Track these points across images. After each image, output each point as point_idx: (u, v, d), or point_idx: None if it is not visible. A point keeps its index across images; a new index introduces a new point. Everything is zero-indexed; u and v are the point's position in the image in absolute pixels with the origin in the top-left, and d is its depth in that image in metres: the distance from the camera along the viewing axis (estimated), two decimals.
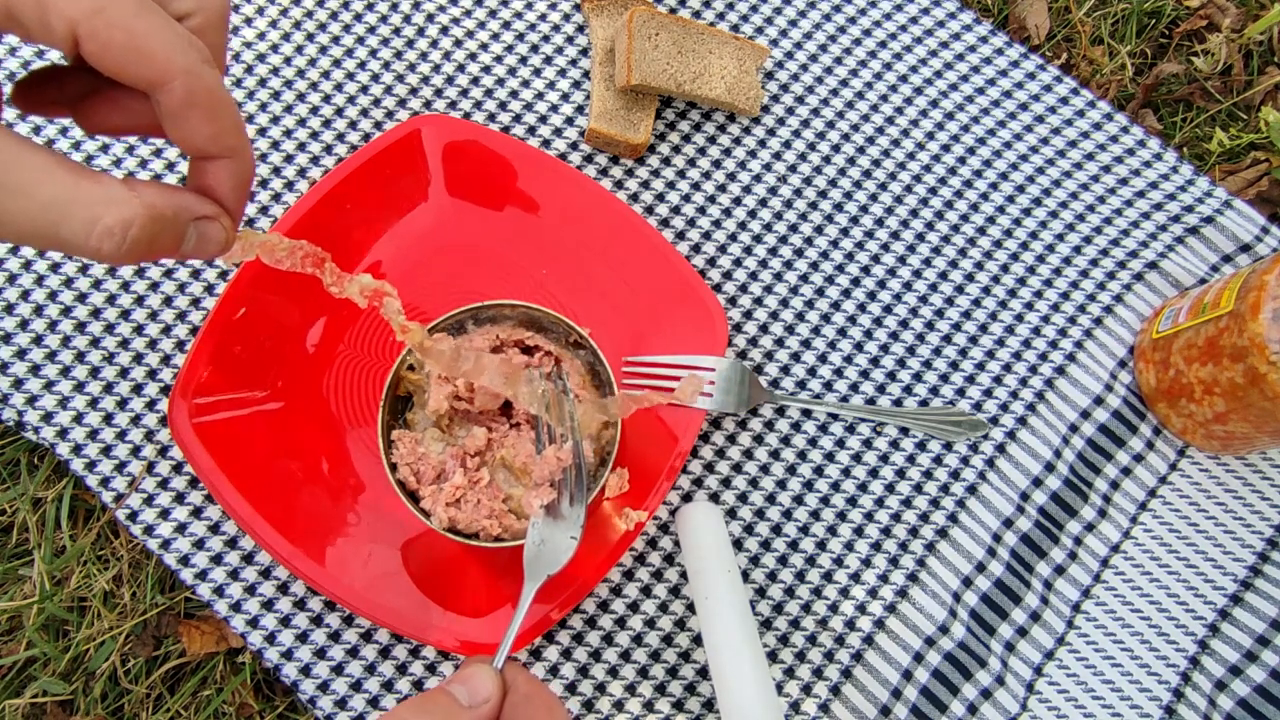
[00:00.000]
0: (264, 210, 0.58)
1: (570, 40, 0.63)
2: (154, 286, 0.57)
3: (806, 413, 0.58)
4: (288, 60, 0.61)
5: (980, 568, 0.56)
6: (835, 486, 0.57)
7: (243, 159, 0.28)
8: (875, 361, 0.59)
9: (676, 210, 0.61)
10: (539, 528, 0.45)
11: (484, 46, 0.62)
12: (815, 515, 0.57)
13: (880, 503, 0.57)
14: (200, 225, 0.28)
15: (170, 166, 0.59)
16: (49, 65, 0.29)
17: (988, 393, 0.59)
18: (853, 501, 0.57)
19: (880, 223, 0.62)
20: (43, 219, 0.24)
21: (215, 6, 0.27)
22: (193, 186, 0.28)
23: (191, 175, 0.28)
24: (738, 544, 0.56)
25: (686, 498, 0.56)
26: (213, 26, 0.28)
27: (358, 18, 0.62)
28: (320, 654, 0.52)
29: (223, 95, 0.26)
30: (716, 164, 0.62)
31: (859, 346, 0.59)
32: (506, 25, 0.63)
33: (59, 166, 0.24)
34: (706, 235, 0.61)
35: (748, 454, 0.57)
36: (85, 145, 0.58)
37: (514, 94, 0.62)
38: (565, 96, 0.62)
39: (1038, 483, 0.57)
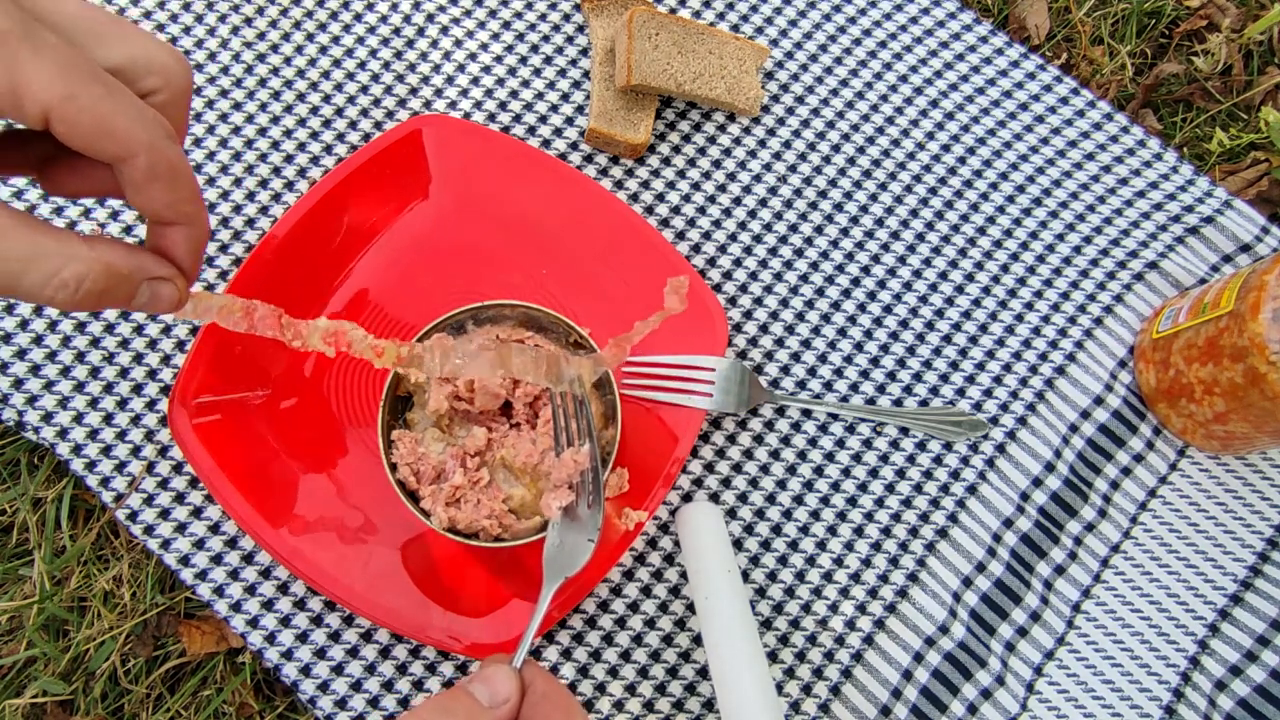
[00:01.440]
0: (264, 210, 0.59)
1: (570, 40, 0.63)
2: None
3: (806, 413, 0.58)
4: (288, 60, 0.61)
5: (980, 568, 0.56)
6: (835, 486, 0.57)
7: (198, 225, 0.30)
8: (875, 361, 0.59)
9: (676, 210, 0.61)
10: (557, 529, 0.46)
11: (484, 46, 0.62)
12: (815, 515, 0.57)
13: (880, 503, 0.57)
14: (153, 285, 0.30)
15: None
16: (12, 130, 0.31)
17: (988, 393, 0.59)
18: (853, 501, 0.57)
19: (880, 223, 0.62)
20: (4, 271, 0.26)
21: (179, 86, 0.29)
22: (151, 247, 0.30)
23: (150, 237, 0.30)
24: (738, 544, 0.56)
25: (686, 498, 0.56)
26: (175, 103, 0.30)
27: (358, 18, 0.62)
28: (320, 654, 0.52)
29: (182, 167, 0.28)
30: (716, 164, 0.62)
31: (859, 346, 0.59)
32: (506, 25, 0.63)
33: (20, 224, 0.26)
34: (706, 235, 0.61)
35: (748, 454, 0.57)
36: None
37: (514, 94, 0.62)
38: (565, 96, 0.62)
39: (1038, 483, 0.57)
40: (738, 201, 0.61)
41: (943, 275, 0.61)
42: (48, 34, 0.24)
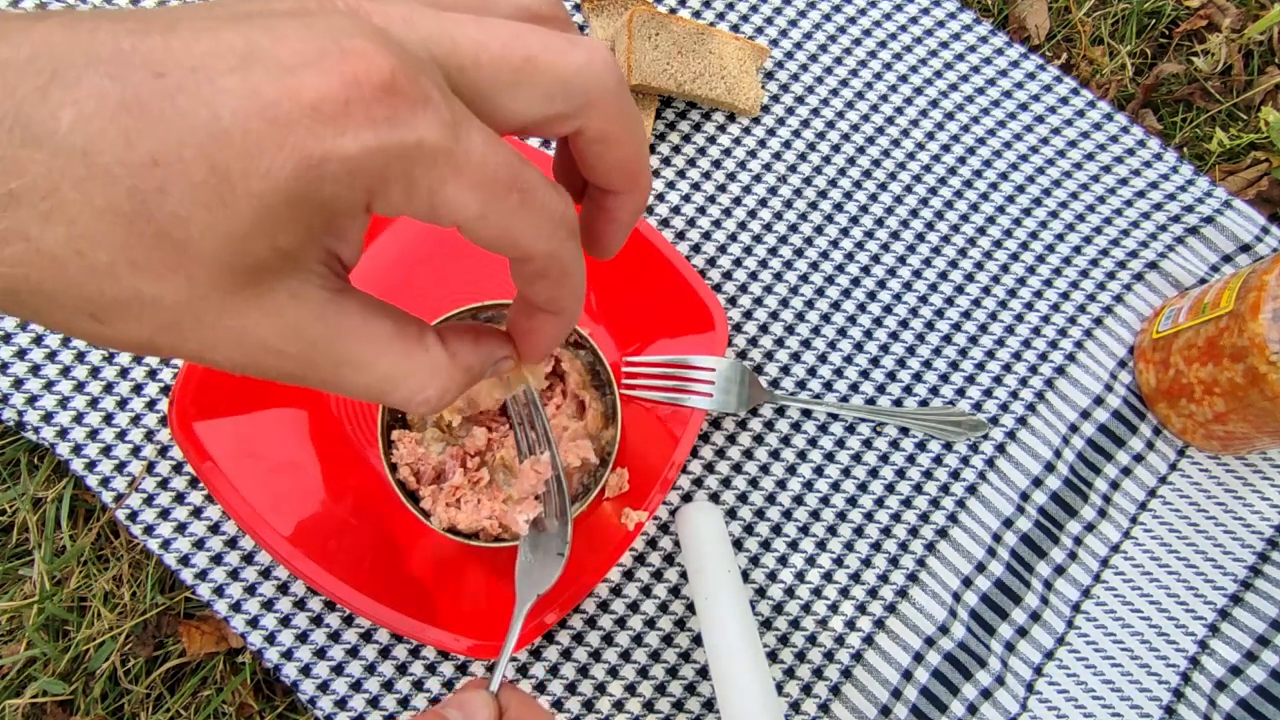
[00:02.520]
0: None
1: None
2: None
3: (806, 413, 0.58)
4: None
5: (980, 568, 0.56)
6: (835, 486, 0.57)
7: (566, 320, 0.30)
8: (875, 361, 0.59)
9: (676, 210, 0.61)
10: (527, 544, 0.44)
11: None
12: (815, 515, 0.57)
13: (880, 503, 0.57)
14: (496, 365, 0.30)
15: None
16: None
17: (988, 393, 0.59)
18: (853, 501, 0.57)
19: (880, 223, 0.62)
20: (376, 389, 0.26)
21: (604, 121, 0.26)
22: (512, 315, 0.30)
23: (514, 308, 0.30)
24: (738, 544, 0.56)
25: (686, 498, 0.56)
26: (604, 138, 0.27)
27: None
28: (320, 654, 0.52)
29: (572, 269, 0.27)
30: (716, 164, 0.62)
31: (859, 346, 0.59)
32: None
33: (396, 338, 0.26)
34: (706, 235, 0.61)
35: (748, 454, 0.57)
36: None
37: None
38: None
39: (1038, 483, 0.57)
40: (738, 201, 0.61)
41: (943, 275, 0.61)
42: (473, 135, 0.22)
